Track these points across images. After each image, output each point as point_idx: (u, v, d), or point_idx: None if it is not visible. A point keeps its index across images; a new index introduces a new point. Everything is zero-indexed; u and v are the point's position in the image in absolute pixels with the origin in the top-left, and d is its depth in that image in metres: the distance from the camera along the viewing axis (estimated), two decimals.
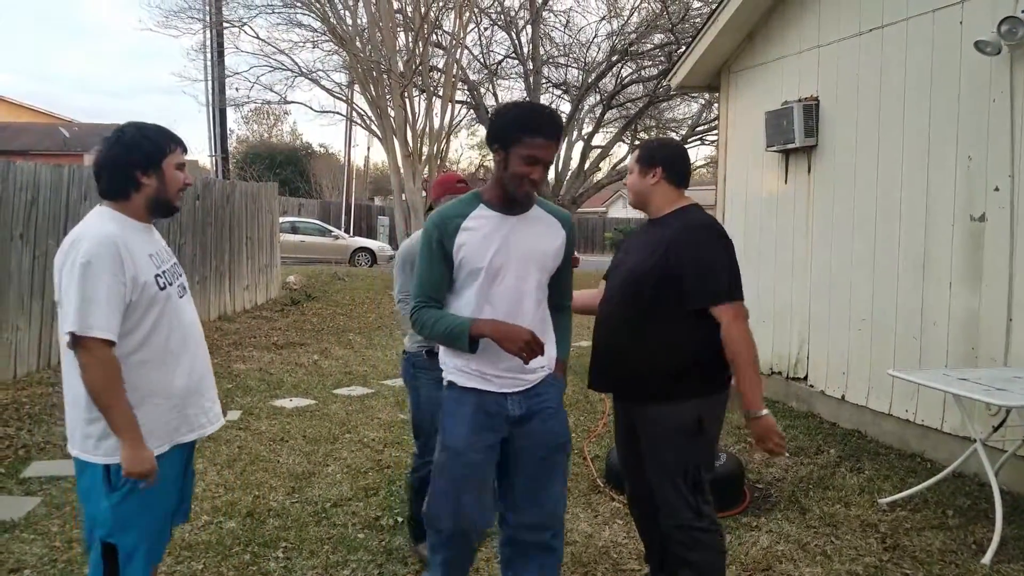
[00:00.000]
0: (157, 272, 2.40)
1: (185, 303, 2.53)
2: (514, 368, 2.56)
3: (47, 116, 32.53)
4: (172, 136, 2.49)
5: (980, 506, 4.29)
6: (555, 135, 2.51)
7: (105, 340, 2.23)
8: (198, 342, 2.55)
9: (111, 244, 2.28)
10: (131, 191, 2.41)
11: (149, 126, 2.49)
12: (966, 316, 4.85)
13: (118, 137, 2.42)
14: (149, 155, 2.41)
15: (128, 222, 2.41)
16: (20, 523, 3.88)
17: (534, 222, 2.63)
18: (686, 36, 14.19)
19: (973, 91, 4.78)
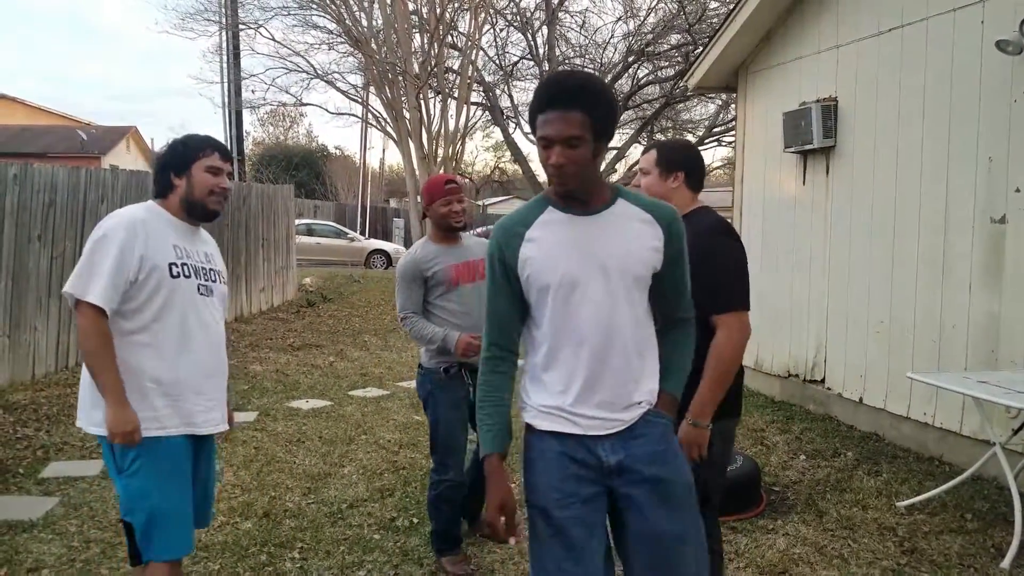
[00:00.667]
0: (174, 261, 2.51)
1: (209, 302, 2.62)
2: (604, 405, 2.05)
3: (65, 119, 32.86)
4: (208, 142, 2.64)
5: (999, 510, 4.24)
6: (570, 102, 1.93)
7: (95, 306, 2.36)
8: (213, 343, 2.63)
9: (131, 222, 2.46)
10: (167, 192, 2.61)
11: (193, 135, 2.68)
12: (986, 319, 4.80)
13: (166, 144, 2.68)
14: (180, 158, 2.60)
15: (163, 214, 2.58)
16: (39, 523, 3.91)
17: (620, 220, 2.07)
18: (703, 36, 14.15)
19: (994, 91, 4.73)
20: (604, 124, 1.99)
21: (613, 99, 2.06)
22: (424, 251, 3.52)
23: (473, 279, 3.51)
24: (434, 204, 3.50)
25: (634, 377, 2.07)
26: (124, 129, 32.99)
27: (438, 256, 3.49)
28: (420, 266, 3.47)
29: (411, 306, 3.49)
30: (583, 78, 2.06)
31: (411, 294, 3.49)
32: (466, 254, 3.56)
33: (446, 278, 3.46)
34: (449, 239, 3.57)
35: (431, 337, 3.42)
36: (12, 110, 29.80)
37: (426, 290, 3.49)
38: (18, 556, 3.54)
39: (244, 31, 16.36)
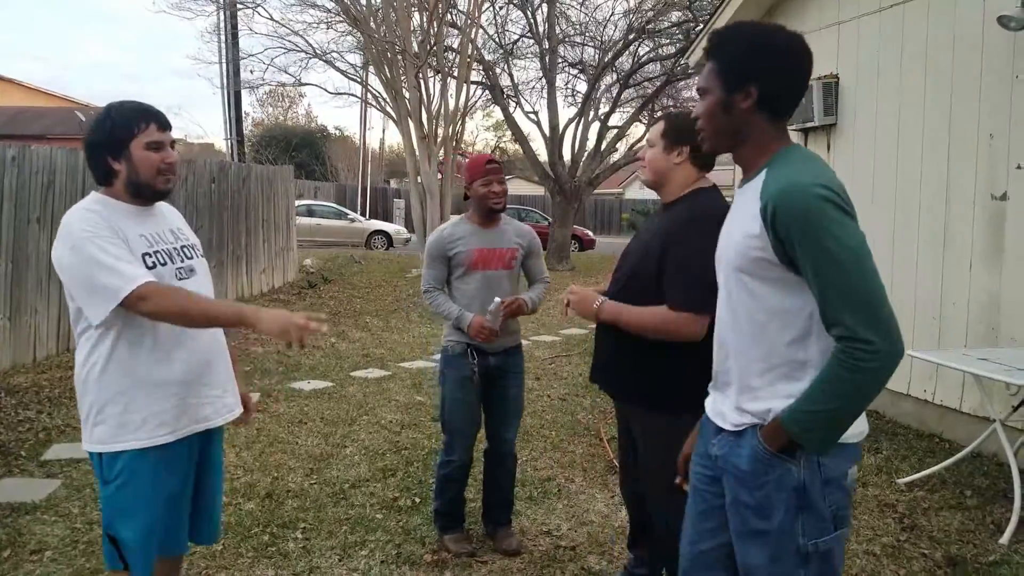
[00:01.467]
0: (147, 251, 2.25)
1: (190, 285, 2.31)
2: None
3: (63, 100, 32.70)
4: (143, 113, 2.26)
5: (998, 486, 4.27)
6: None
7: (140, 285, 2.09)
8: (203, 331, 2.37)
9: (92, 216, 2.18)
10: (111, 178, 2.27)
11: (117, 106, 2.29)
12: (986, 296, 4.79)
13: (93, 121, 2.28)
14: (113, 138, 2.24)
15: (115, 204, 2.27)
16: (41, 505, 3.93)
17: (742, 198, 1.83)
18: (704, 13, 14.05)
19: (995, 67, 4.70)
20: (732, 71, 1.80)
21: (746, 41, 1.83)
22: (453, 230, 3.50)
23: (496, 267, 3.47)
24: (474, 184, 3.42)
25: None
26: None
27: (464, 237, 3.46)
28: (445, 244, 3.46)
29: (433, 281, 3.50)
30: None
31: (436, 270, 3.49)
32: (498, 240, 3.49)
33: (467, 260, 3.43)
34: (486, 221, 3.49)
35: (447, 313, 3.44)
36: (9, 92, 29.65)
37: (449, 269, 3.48)
38: (21, 538, 3.56)
39: (242, 10, 16.27)
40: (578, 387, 6.73)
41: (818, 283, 1.63)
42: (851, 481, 1.76)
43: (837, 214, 1.62)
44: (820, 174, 1.69)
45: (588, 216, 35.37)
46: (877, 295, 1.61)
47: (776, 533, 1.74)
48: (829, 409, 1.64)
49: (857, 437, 1.76)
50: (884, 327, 1.59)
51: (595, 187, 18.82)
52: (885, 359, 1.59)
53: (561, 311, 2.81)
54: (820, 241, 1.61)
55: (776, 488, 1.73)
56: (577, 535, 3.75)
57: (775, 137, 1.81)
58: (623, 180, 45.13)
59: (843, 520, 1.75)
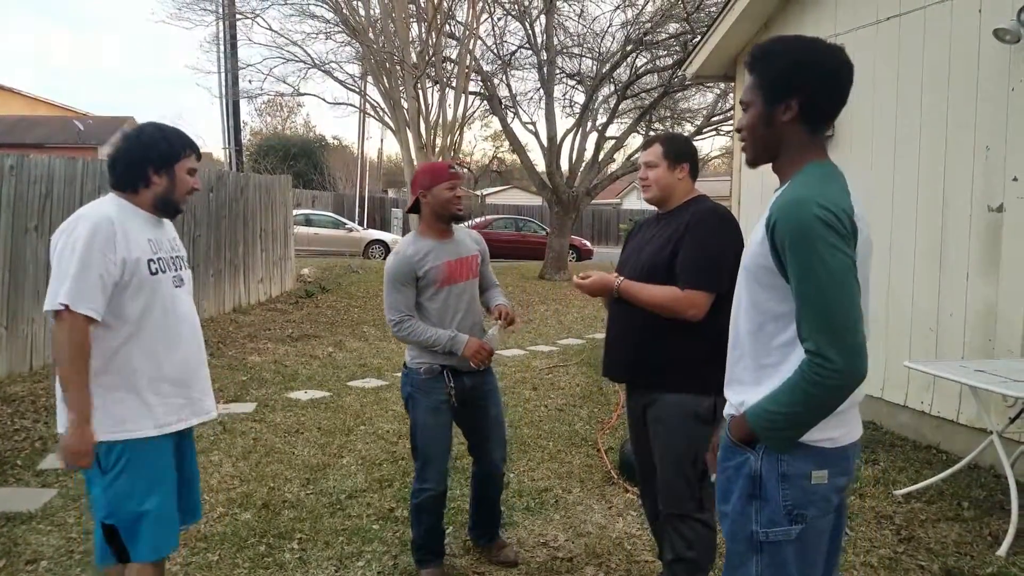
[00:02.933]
0: (151, 257, 2.47)
1: (183, 294, 2.59)
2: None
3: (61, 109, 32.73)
4: (188, 141, 2.59)
5: (996, 498, 4.26)
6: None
7: (75, 312, 2.28)
8: (193, 334, 2.60)
9: (106, 223, 2.36)
10: (140, 186, 2.51)
11: (169, 128, 2.59)
12: (983, 307, 4.80)
13: (138, 133, 2.53)
14: (164, 156, 2.51)
15: (132, 209, 2.50)
16: (37, 514, 3.92)
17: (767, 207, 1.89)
18: (701, 25, 14.09)
19: (991, 80, 4.72)
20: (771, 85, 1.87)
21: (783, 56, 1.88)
22: (416, 247, 3.27)
23: (466, 277, 3.34)
24: (436, 187, 3.24)
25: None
26: (121, 119, 32.86)
27: (431, 252, 3.26)
28: (412, 265, 3.23)
29: (404, 308, 3.25)
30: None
31: (404, 295, 3.25)
32: (460, 249, 3.35)
33: (439, 276, 3.24)
34: (443, 232, 3.33)
35: (435, 340, 3.20)
36: (8, 100, 29.68)
37: (416, 290, 3.28)
38: (16, 548, 3.55)
39: (241, 20, 16.34)
40: (576, 397, 6.72)
41: (797, 297, 1.72)
42: (817, 484, 1.80)
43: (829, 235, 1.68)
44: (826, 193, 1.73)
45: (586, 226, 35.42)
46: (848, 320, 1.68)
47: (732, 515, 1.88)
48: (786, 412, 1.75)
49: (828, 443, 1.80)
50: (849, 350, 1.67)
51: (593, 197, 18.83)
52: (845, 379, 1.69)
53: (573, 287, 3.03)
54: (806, 259, 1.69)
55: (735, 474, 1.87)
56: (574, 546, 3.74)
57: (811, 150, 1.87)
58: (620, 190, 45.18)
59: (799, 518, 1.80)
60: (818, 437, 1.79)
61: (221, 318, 10.28)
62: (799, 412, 1.74)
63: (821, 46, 1.86)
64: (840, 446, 1.82)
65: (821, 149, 1.89)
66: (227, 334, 9.15)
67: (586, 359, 8.34)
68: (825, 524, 1.85)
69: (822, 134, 1.89)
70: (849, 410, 1.83)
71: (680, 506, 2.83)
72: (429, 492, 3.29)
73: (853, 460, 1.88)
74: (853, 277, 1.69)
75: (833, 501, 1.83)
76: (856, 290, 1.70)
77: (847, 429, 1.84)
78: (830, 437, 1.80)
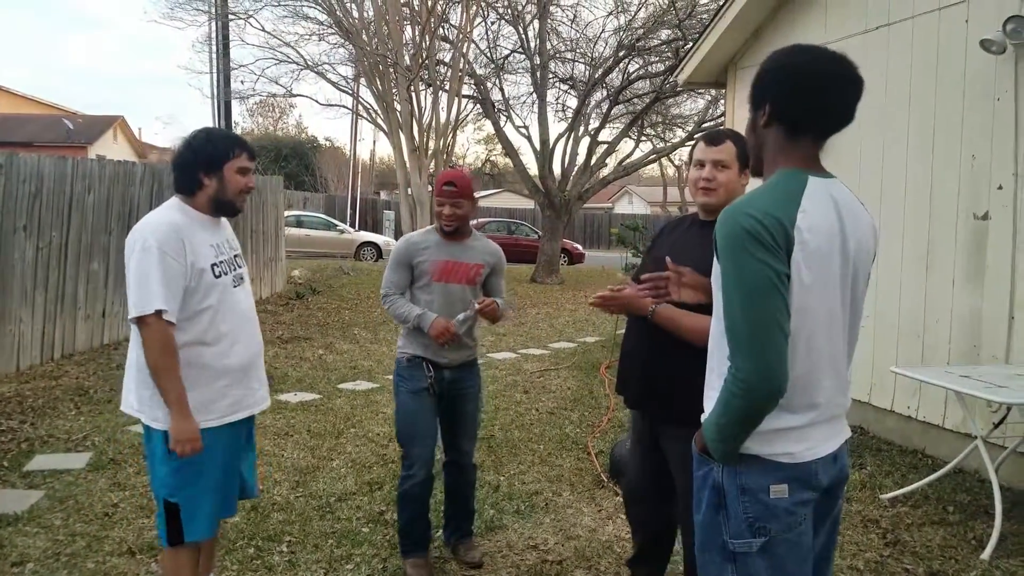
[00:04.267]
0: (215, 261, 2.65)
1: (240, 292, 2.76)
2: None
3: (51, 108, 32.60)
4: (238, 142, 2.73)
5: (980, 502, 4.30)
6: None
7: (161, 314, 2.47)
8: (252, 330, 2.82)
9: (173, 230, 2.55)
10: (195, 189, 2.67)
11: (218, 132, 2.78)
12: (968, 314, 4.85)
13: (190, 140, 2.70)
14: (211, 158, 2.66)
15: (193, 214, 2.67)
16: (23, 516, 3.91)
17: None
18: (693, 32, 14.16)
19: (978, 90, 4.77)
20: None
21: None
22: (422, 237, 3.47)
23: (459, 281, 3.41)
24: (437, 199, 3.41)
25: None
26: (111, 119, 32.78)
27: (432, 247, 3.41)
28: (411, 250, 3.42)
29: (394, 287, 3.44)
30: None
31: (398, 275, 3.44)
32: (464, 254, 3.44)
33: (431, 270, 3.39)
34: (451, 234, 3.44)
35: (406, 316, 3.35)
36: None
37: (412, 277, 3.44)
38: (2, 550, 3.54)
39: (234, 21, 16.26)
40: (566, 400, 6.74)
41: (721, 304, 1.74)
42: (777, 498, 1.75)
43: (751, 245, 1.65)
44: (760, 201, 1.70)
45: (577, 230, 35.47)
46: (759, 332, 1.65)
47: (702, 525, 1.86)
48: (719, 423, 1.75)
49: (786, 457, 1.76)
50: (757, 363, 1.65)
51: (584, 201, 18.90)
52: (755, 392, 1.67)
53: (593, 303, 2.67)
54: (726, 268, 1.71)
55: (702, 483, 1.86)
56: (564, 549, 3.76)
57: (785, 157, 1.84)
58: (612, 195, 45.28)
59: (761, 531, 1.76)
60: (775, 451, 1.76)
61: None
62: (725, 423, 1.74)
63: (800, 50, 1.83)
64: (802, 461, 1.76)
65: (797, 157, 1.83)
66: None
67: (577, 363, 8.36)
68: (798, 537, 1.78)
69: (805, 141, 1.83)
70: (811, 426, 1.78)
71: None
72: (414, 479, 3.38)
73: (822, 476, 1.80)
74: (773, 288, 1.64)
75: (799, 515, 1.77)
76: (777, 301, 1.65)
77: (809, 444, 1.78)
78: (788, 452, 1.76)
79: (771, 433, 1.75)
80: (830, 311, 1.76)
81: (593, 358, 8.58)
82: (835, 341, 1.80)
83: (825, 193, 1.78)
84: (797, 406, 1.76)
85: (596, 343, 9.73)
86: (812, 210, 1.71)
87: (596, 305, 2.68)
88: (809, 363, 1.75)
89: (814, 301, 1.72)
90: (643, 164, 19.63)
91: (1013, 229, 4.57)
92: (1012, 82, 4.55)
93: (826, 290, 1.74)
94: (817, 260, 1.70)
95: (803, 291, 1.70)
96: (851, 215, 1.83)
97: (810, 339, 1.74)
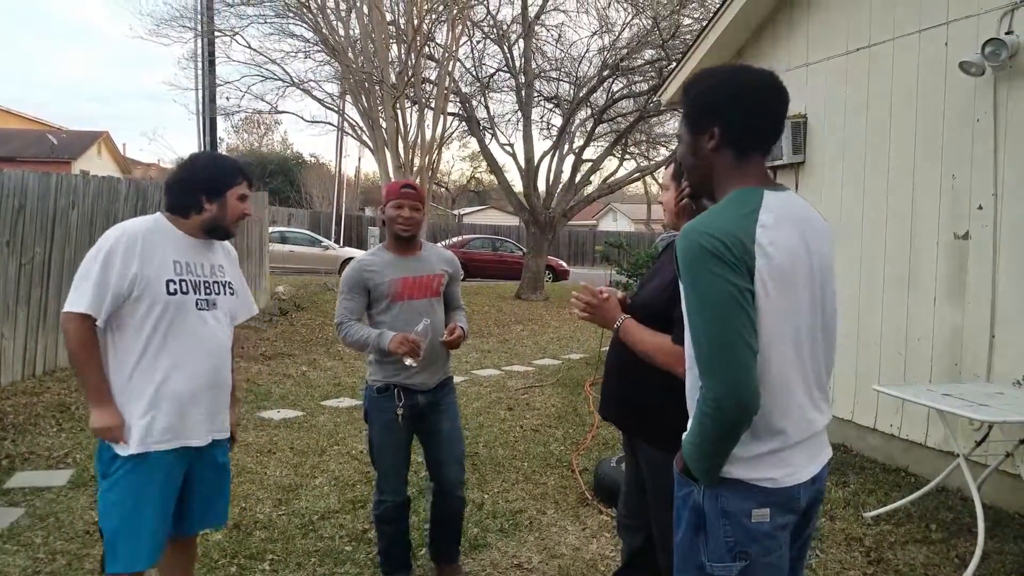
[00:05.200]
0: (171, 278, 2.54)
1: (205, 316, 2.63)
2: None
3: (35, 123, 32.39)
4: (241, 169, 2.72)
5: (963, 520, 4.32)
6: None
7: (79, 314, 2.42)
8: (212, 355, 2.65)
9: (134, 236, 2.49)
10: (191, 212, 2.63)
11: (223, 157, 2.77)
12: (950, 332, 4.89)
13: (193, 161, 2.69)
14: (216, 183, 2.65)
15: (172, 231, 2.62)
16: (3, 534, 3.85)
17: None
18: (676, 52, 14.30)
19: (958, 111, 4.84)
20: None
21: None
22: (373, 258, 3.30)
23: (424, 295, 3.30)
24: (387, 205, 3.26)
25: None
26: (95, 134, 32.64)
27: (387, 267, 3.27)
28: (363, 274, 3.25)
29: (348, 313, 3.25)
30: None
31: (353, 302, 3.26)
32: (421, 268, 3.33)
33: (390, 291, 3.23)
34: (404, 248, 3.33)
35: (365, 340, 3.18)
36: None
37: (370, 301, 3.29)
38: None
39: (220, 38, 16.26)
40: (551, 418, 6.73)
41: (688, 324, 1.73)
42: (759, 522, 1.75)
43: (710, 263, 1.65)
44: (716, 220, 1.70)
45: (562, 247, 35.58)
46: (725, 349, 1.64)
47: (680, 545, 1.85)
48: (695, 442, 1.75)
49: (768, 483, 1.75)
50: (724, 379, 1.64)
51: (569, 219, 18.97)
52: (726, 411, 1.65)
53: (569, 309, 2.63)
54: (688, 288, 1.71)
55: (683, 504, 1.85)
56: (548, 568, 3.75)
57: (738, 177, 1.82)
58: (597, 212, 45.42)
59: (742, 556, 1.75)
60: (757, 476, 1.75)
61: None
62: (700, 443, 1.73)
63: (742, 71, 1.85)
64: (783, 487, 1.76)
65: (752, 175, 1.82)
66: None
67: (562, 379, 8.36)
68: (777, 560, 1.79)
69: (751, 160, 1.83)
70: (791, 450, 1.78)
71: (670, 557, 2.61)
72: (386, 503, 3.36)
73: (803, 499, 1.81)
74: (736, 305, 1.64)
75: (778, 539, 1.78)
76: (741, 318, 1.64)
77: (790, 470, 1.77)
78: (770, 477, 1.75)
79: (752, 459, 1.75)
80: (797, 326, 1.75)
81: (577, 375, 8.58)
82: (806, 355, 1.79)
83: (782, 206, 1.77)
84: (770, 429, 1.75)
85: (580, 360, 9.73)
86: (771, 224, 1.71)
87: (576, 307, 2.57)
88: (781, 380, 1.74)
89: (781, 316, 1.71)
90: (627, 182, 19.76)
91: (993, 248, 4.63)
92: (991, 104, 4.62)
93: (793, 304, 1.73)
94: (780, 274, 1.69)
95: (769, 305, 1.69)
96: (809, 226, 1.82)
97: (780, 355, 1.73)
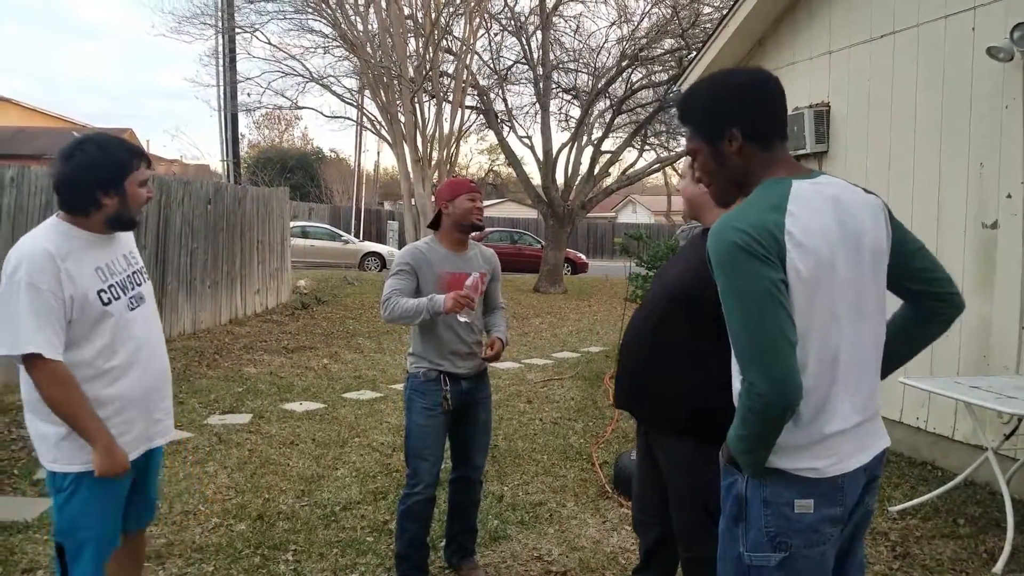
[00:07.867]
0: (101, 287, 2.35)
1: (137, 315, 2.47)
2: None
3: (60, 120, 32.77)
4: (135, 151, 2.41)
5: (991, 515, 4.27)
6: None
7: (42, 355, 2.21)
8: (151, 355, 2.51)
9: (48, 260, 2.24)
10: (91, 210, 2.35)
11: (111, 141, 2.40)
12: (978, 324, 4.82)
13: (79, 154, 2.33)
14: (112, 174, 2.35)
15: (80, 234, 2.37)
16: (33, 524, 3.90)
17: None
18: (696, 41, 14.19)
19: (985, 97, 4.76)
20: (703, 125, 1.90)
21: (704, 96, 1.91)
22: (428, 250, 3.37)
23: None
24: (459, 198, 3.33)
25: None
26: (119, 132, 32.90)
27: (440, 259, 3.35)
28: (419, 259, 3.33)
29: (398, 294, 3.27)
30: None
31: (403, 283, 3.30)
32: (468, 265, 3.38)
33: (437, 284, 3.31)
34: (460, 244, 3.41)
35: (416, 308, 3.17)
36: (6, 111, 29.68)
37: (417, 286, 3.34)
38: (13, 557, 3.53)
39: (240, 35, 16.36)
40: (570, 411, 6.72)
41: (726, 322, 1.72)
42: (802, 513, 1.74)
43: (744, 259, 1.66)
44: (746, 214, 1.70)
45: (581, 239, 35.51)
46: (765, 344, 1.64)
47: (723, 533, 1.88)
48: (740, 435, 1.75)
49: (811, 472, 1.74)
50: (766, 374, 1.65)
51: (588, 211, 18.91)
52: (770, 405, 1.66)
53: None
54: (724, 285, 1.71)
55: (727, 493, 1.87)
56: (568, 560, 3.74)
57: (769, 168, 1.83)
58: (616, 204, 45.26)
59: (782, 547, 1.75)
60: (800, 466, 1.74)
61: (217, 329, 10.26)
62: (745, 435, 1.74)
63: (728, 74, 1.90)
64: (827, 476, 1.74)
65: (780, 164, 1.83)
66: (223, 345, 9.13)
67: (581, 372, 8.34)
68: (820, 556, 1.76)
69: (773, 149, 1.83)
70: (834, 438, 1.75)
71: (695, 549, 2.54)
72: (418, 497, 3.29)
73: (851, 492, 1.79)
74: (773, 299, 1.64)
75: (823, 532, 1.75)
76: (779, 312, 1.65)
77: (835, 459, 1.75)
78: (813, 467, 1.74)
79: (793, 448, 1.74)
80: (835, 312, 1.73)
81: (597, 368, 8.56)
82: (848, 339, 1.77)
83: (813, 193, 1.76)
84: (811, 417, 1.74)
85: (600, 353, 9.71)
86: (800, 212, 1.70)
87: None
88: (822, 367, 1.73)
89: (818, 301, 1.71)
90: (646, 173, 19.66)
91: (1022, 238, 4.55)
92: (1020, 90, 4.53)
93: (830, 288, 1.72)
94: (814, 260, 1.69)
95: (805, 292, 1.69)
96: (850, 206, 1.80)
97: (820, 341, 1.72)
